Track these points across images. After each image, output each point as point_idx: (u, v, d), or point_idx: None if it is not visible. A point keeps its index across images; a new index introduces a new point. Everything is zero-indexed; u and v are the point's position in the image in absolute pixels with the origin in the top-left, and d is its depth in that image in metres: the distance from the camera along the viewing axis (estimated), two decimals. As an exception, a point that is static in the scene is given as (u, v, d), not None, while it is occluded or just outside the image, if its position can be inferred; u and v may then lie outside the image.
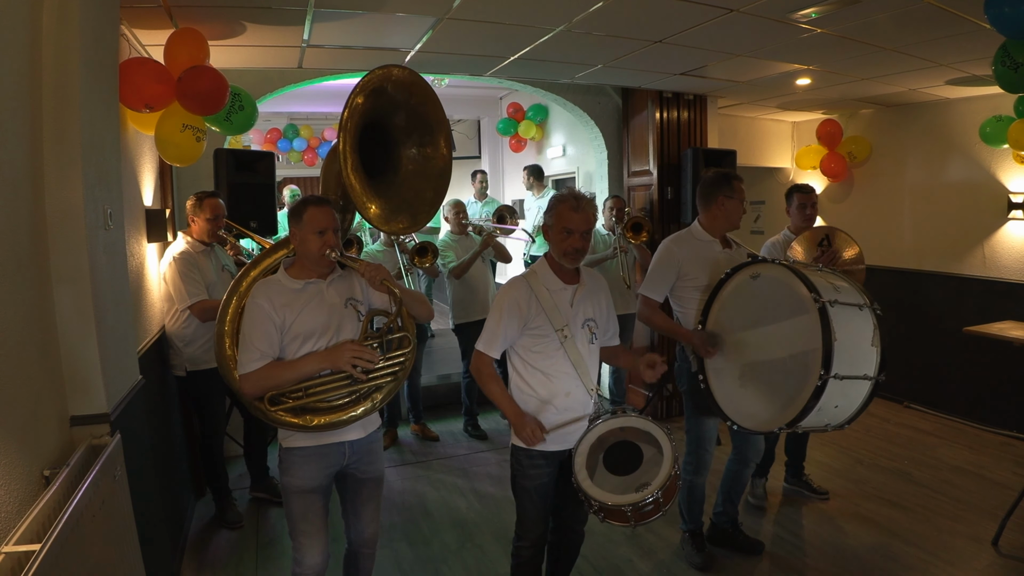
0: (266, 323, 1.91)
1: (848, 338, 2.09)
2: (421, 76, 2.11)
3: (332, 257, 1.96)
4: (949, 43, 3.33)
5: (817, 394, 2.07)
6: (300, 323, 1.94)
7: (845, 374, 2.08)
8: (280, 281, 1.99)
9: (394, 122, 2.15)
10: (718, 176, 2.72)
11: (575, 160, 6.63)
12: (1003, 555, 2.92)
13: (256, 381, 1.90)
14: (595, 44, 3.54)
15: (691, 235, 2.75)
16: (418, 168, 2.20)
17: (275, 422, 1.96)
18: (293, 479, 2.01)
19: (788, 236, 3.34)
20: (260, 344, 1.90)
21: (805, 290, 2.13)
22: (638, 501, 2.00)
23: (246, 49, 3.47)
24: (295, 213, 1.97)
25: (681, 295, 2.73)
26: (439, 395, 5.24)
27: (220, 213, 3.19)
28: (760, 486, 3.47)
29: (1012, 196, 4.42)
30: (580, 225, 2.07)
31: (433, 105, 2.17)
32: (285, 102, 5.47)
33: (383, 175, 2.18)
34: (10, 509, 1.34)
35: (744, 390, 2.38)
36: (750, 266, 2.43)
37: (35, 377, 1.59)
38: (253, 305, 1.94)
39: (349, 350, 1.91)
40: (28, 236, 1.61)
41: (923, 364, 4.91)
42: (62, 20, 1.75)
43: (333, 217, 1.97)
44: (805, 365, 2.12)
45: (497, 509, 3.50)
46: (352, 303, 2.05)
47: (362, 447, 2.10)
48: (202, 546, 3.15)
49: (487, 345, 2.14)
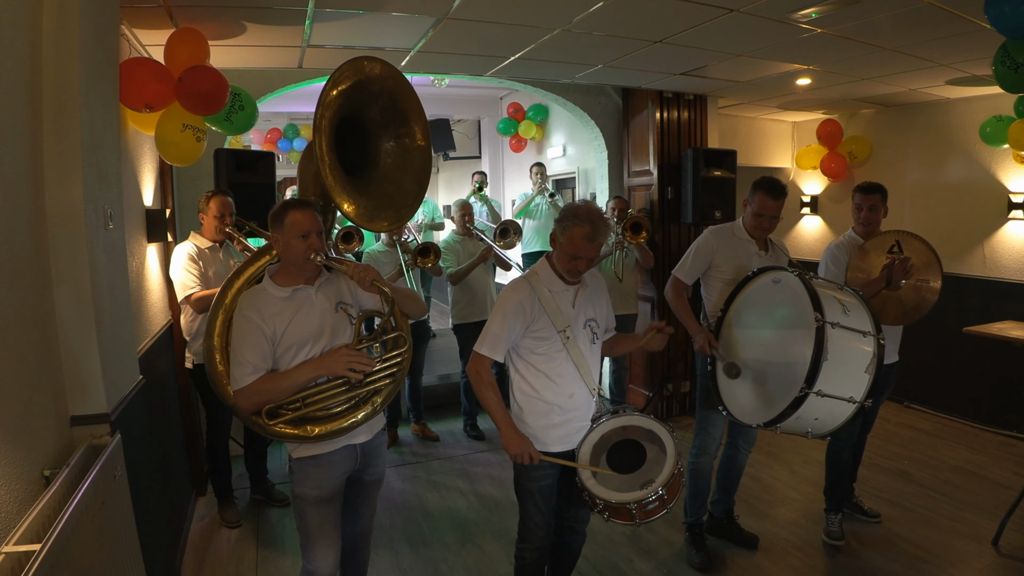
0: (257, 335, 1.85)
1: (840, 360, 2.17)
2: (394, 67, 2.04)
3: (318, 261, 1.91)
4: (949, 43, 3.33)
5: (795, 404, 2.17)
6: (292, 332, 1.89)
7: (828, 393, 2.16)
8: (267, 290, 1.93)
9: (369, 116, 2.08)
10: (755, 181, 2.77)
11: (575, 160, 6.63)
12: (1003, 555, 2.92)
13: (251, 396, 1.84)
14: (595, 44, 3.54)
15: (732, 230, 2.84)
16: (397, 161, 2.13)
17: (276, 435, 1.91)
18: (309, 489, 1.96)
19: (853, 238, 3.04)
20: (252, 358, 1.84)
21: (811, 307, 2.20)
22: (642, 498, 2.01)
23: (246, 49, 3.47)
24: (276, 218, 1.91)
25: (709, 283, 2.85)
26: (439, 395, 5.25)
27: (227, 211, 3.19)
28: (835, 523, 3.07)
29: (1012, 196, 4.42)
30: (591, 254, 2.07)
31: (408, 95, 2.09)
32: (285, 102, 5.46)
33: (362, 172, 2.11)
34: (10, 509, 1.34)
35: (741, 382, 2.49)
36: (774, 270, 2.54)
37: (35, 377, 1.59)
38: (241, 318, 1.88)
39: (344, 355, 1.87)
40: (28, 236, 1.61)
41: (923, 364, 4.91)
42: (62, 20, 1.75)
43: (316, 220, 1.91)
44: (792, 375, 2.21)
45: (497, 509, 3.50)
46: (342, 306, 2.00)
47: (371, 449, 2.09)
48: (202, 546, 3.14)
49: (490, 348, 2.09)
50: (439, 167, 11.60)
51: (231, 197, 3.25)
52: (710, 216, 4.60)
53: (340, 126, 1.98)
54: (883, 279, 2.78)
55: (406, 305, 2.06)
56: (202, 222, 3.22)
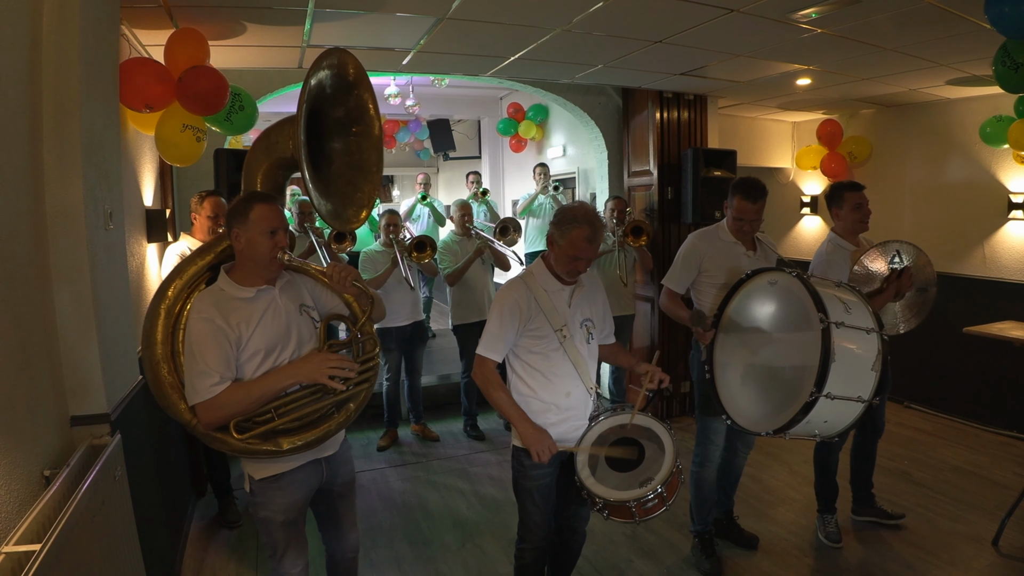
0: (221, 340, 1.67)
1: (847, 360, 2.13)
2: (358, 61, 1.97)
3: (285, 260, 1.79)
4: (949, 43, 3.33)
5: (806, 409, 2.12)
6: (259, 337, 1.73)
7: (838, 394, 2.12)
8: (225, 291, 1.76)
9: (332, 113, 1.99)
10: (732, 184, 2.74)
11: (575, 160, 6.63)
12: (1003, 555, 2.92)
13: (218, 409, 1.65)
14: (595, 44, 3.54)
15: (717, 233, 2.79)
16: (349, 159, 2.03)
17: (243, 452, 1.73)
18: (275, 513, 1.83)
19: (840, 243, 2.97)
20: (217, 366, 1.65)
21: (813, 308, 2.17)
22: (641, 496, 2.01)
23: (246, 49, 3.47)
24: (239, 212, 1.75)
25: (701, 290, 2.81)
26: (439, 395, 5.25)
27: (219, 212, 3.18)
28: (832, 522, 3.11)
29: (1012, 196, 4.42)
30: (591, 255, 2.07)
31: (368, 94, 2.00)
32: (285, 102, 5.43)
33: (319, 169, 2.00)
34: (10, 509, 1.34)
35: (744, 388, 2.43)
36: (770, 272, 2.48)
37: (35, 377, 1.59)
38: (201, 321, 1.68)
39: (324, 361, 1.73)
40: (28, 236, 1.61)
41: (923, 364, 4.91)
42: (62, 20, 1.75)
43: (282, 215, 1.80)
44: (800, 380, 2.16)
45: (497, 509, 3.50)
46: (305, 309, 1.88)
47: (335, 458, 1.98)
48: (202, 546, 3.14)
49: (490, 349, 2.09)
50: (439, 167, 11.62)
51: (224, 198, 3.25)
52: (710, 216, 4.59)
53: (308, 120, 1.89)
54: (891, 293, 2.79)
55: (375, 309, 1.98)
56: (194, 222, 3.21)
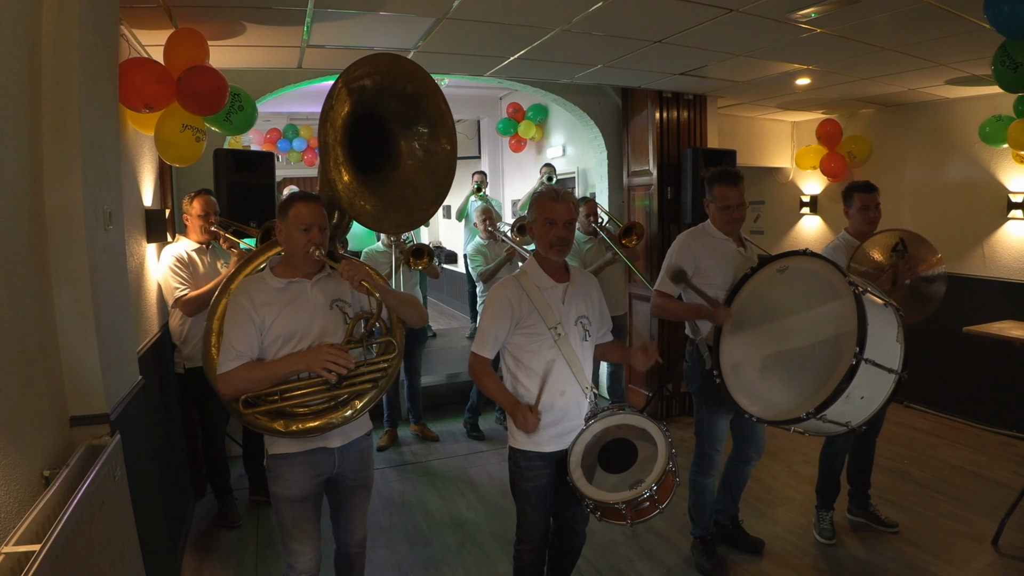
0: (245, 322, 1.85)
1: (878, 328, 2.09)
2: (422, 68, 2.02)
3: (316, 255, 1.90)
4: (949, 43, 3.33)
5: (851, 374, 2.02)
6: (280, 324, 1.88)
7: (878, 361, 2.06)
8: (264, 279, 1.94)
9: (390, 114, 2.04)
10: (706, 178, 2.74)
11: (575, 160, 6.63)
12: (1003, 555, 2.92)
13: (231, 382, 1.82)
14: (595, 44, 3.54)
15: (705, 231, 2.77)
16: (418, 164, 2.08)
17: (251, 425, 1.90)
18: (282, 488, 1.95)
19: (849, 240, 3.00)
20: (238, 344, 1.84)
21: (840, 277, 2.16)
22: (632, 499, 1.99)
23: (246, 49, 3.47)
24: (282, 209, 1.92)
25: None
26: (439, 395, 5.25)
27: (210, 209, 3.19)
28: (827, 519, 3.13)
29: (1012, 196, 4.42)
30: (562, 215, 2.07)
31: (435, 97, 2.07)
32: (285, 102, 5.46)
33: (378, 171, 2.07)
34: (10, 509, 1.34)
35: (766, 381, 2.36)
36: (778, 260, 2.45)
37: (35, 377, 1.58)
38: (234, 303, 1.88)
39: (324, 352, 1.83)
40: (28, 236, 1.61)
41: (923, 364, 4.90)
42: (62, 20, 1.75)
43: (321, 214, 1.91)
44: (837, 349, 2.11)
45: (497, 509, 3.50)
46: (339, 304, 1.98)
47: (353, 453, 2.04)
48: (202, 546, 3.14)
49: (480, 346, 2.13)
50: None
51: (214, 196, 3.26)
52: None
53: (358, 122, 1.94)
54: (888, 279, 2.76)
55: (404, 311, 2.02)
56: (187, 223, 3.22)
